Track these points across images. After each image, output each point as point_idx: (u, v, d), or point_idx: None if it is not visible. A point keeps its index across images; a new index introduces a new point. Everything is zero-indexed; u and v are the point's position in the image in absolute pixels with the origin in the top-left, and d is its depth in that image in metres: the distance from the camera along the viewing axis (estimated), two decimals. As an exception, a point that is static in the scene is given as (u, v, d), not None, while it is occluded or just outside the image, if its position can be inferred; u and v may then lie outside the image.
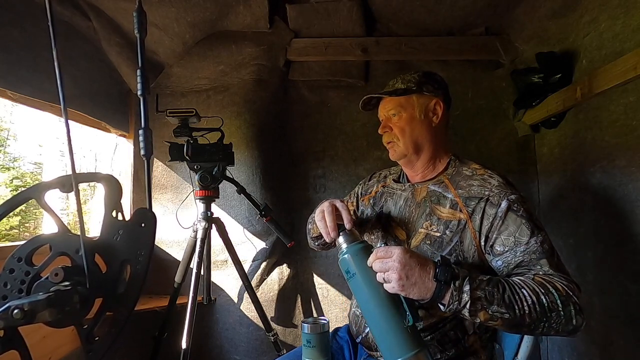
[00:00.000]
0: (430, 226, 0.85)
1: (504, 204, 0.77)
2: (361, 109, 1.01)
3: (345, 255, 0.74)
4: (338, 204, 0.84)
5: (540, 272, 0.71)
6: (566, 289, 0.67)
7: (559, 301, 0.66)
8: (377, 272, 0.69)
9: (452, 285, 0.65)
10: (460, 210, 0.82)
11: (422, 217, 0.87)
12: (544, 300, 0.65)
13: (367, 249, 0.73)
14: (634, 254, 1.16)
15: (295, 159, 1.73)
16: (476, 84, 1.73)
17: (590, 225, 1.35)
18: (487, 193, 0.80)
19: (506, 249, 0.75)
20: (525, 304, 0.65)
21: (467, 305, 0.64)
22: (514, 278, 0.71)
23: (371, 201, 1.04)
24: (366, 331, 0.89)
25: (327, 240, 0.82)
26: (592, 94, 1.25)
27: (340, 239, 0.78)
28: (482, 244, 0.79)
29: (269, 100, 1.66)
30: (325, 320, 0.87)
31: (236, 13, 1.53)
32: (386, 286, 0.67)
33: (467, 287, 0.65)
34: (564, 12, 1.42)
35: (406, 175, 1.01)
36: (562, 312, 0.65)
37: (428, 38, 1.70)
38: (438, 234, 0.83)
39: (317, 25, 1.64)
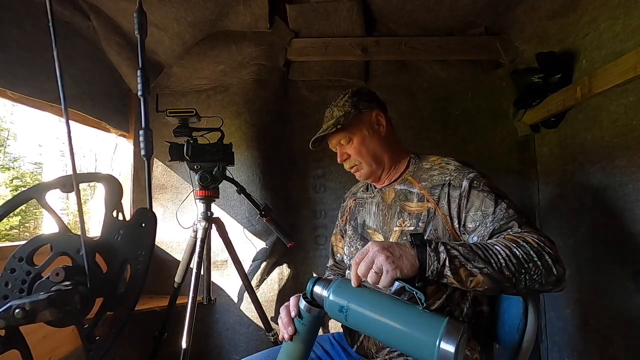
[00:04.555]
0: (404, 223, 0.89)
1: (465, 183, 0.82)
2: (311, 148, 1.02)
3: (330, 297, 0.68)
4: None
5: (511, 232, 0.74)
6: (537, 240, 0.70)
7: (532, 252, 0.67)
8: (367, 275, 0.65)
9: (428, 247, 0.66)
10: (427, 201, 0.86)
11: (395, 216, 0.91)
12: (517, 252, 0.67)
13: (345, 280, 0.71)
14: (634, 254, 1.16)
15: (295, 159, 1.73)
16: (476, 84, 1.73)
17: (590, 225, 1.35)
18: (447, 178, 0.86)
19: (477, 224, 0.79)
20: (499, 257, 0.67)
21: (447, 263, 0.65)
22: (486, 241, 0.73)
23: (348, 218, 1.07)
24: (361, 339, 0.90)
25: (286, 337, 0.74)
26: (592, 94, 1.26)
27: (317, 289, 0.71)
28: (456, 226, 0.82)
29: (269, 100, 1.66)
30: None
31: (236, 13, 1.53)
32: (382, 280, 0.63)
33: (442, 248, 0.67)
34: (564, 12, 1.42)
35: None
36: (538, 262, 0.67)
37: (428, 38, 1.70)
38: (412, 228, 0.86)
39: (317, 25, 1.64)
